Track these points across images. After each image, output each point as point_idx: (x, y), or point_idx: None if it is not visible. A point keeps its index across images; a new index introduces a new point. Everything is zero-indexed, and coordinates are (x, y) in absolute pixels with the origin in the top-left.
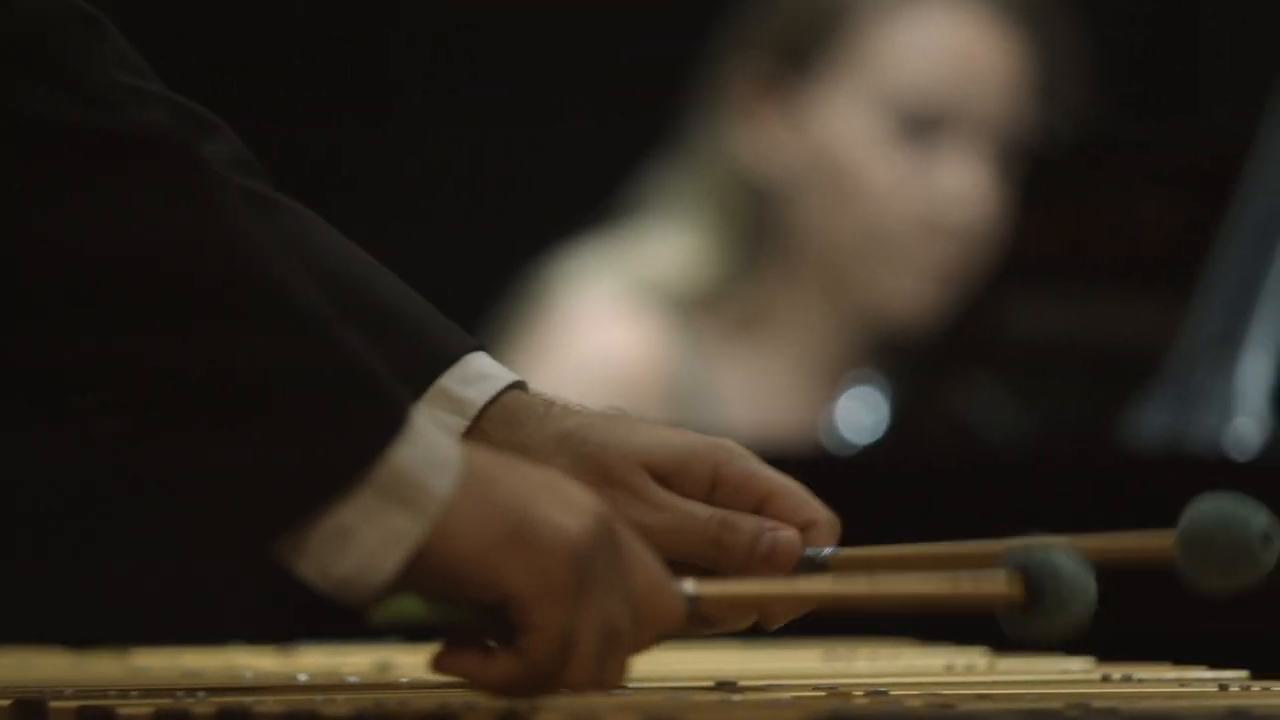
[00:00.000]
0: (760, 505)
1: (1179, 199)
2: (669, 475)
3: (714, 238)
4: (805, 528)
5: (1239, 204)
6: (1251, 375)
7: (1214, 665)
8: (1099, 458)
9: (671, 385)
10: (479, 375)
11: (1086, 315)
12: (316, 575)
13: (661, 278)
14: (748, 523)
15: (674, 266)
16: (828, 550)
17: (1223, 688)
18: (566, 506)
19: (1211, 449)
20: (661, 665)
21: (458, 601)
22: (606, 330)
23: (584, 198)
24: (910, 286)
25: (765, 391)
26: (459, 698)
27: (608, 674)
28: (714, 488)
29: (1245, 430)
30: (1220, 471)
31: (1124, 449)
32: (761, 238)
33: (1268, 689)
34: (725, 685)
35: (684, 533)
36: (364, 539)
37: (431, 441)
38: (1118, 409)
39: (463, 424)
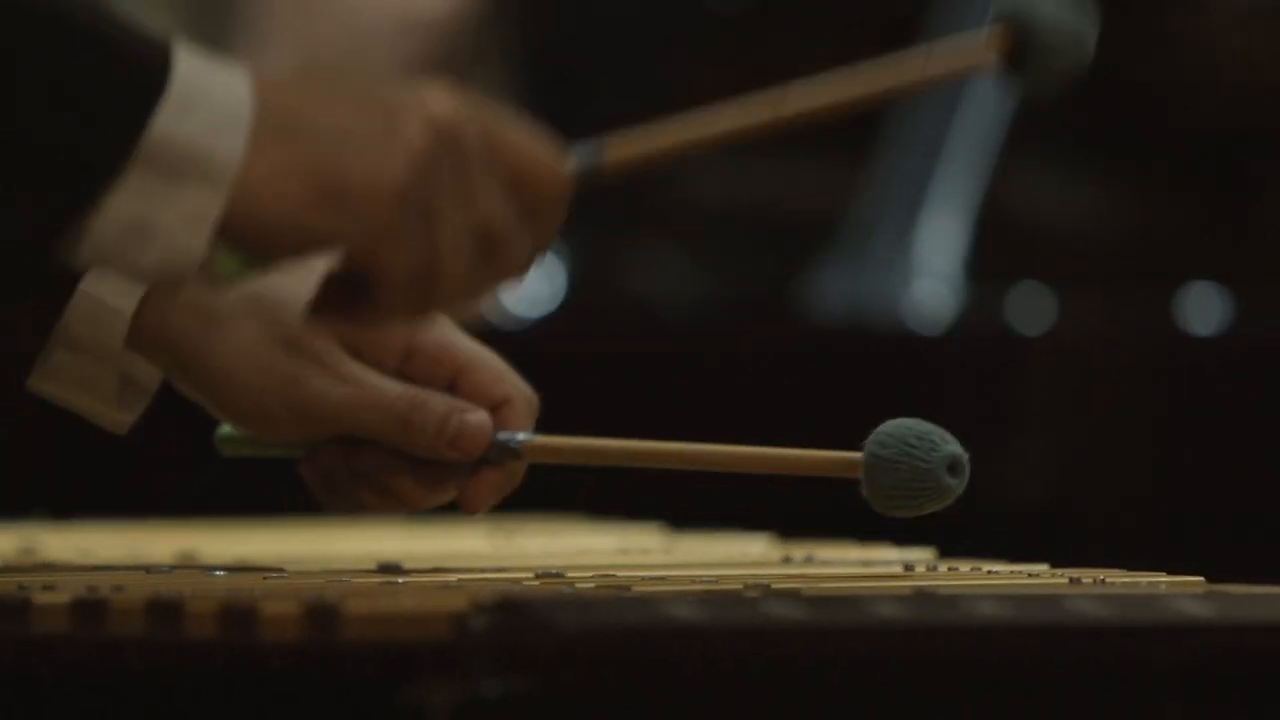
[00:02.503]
0: (455, 378)
1: (856, 52)
2: (361, 342)
3: None
4: (499, 405)
5: None
6: (936, 240)
7: (899, 544)
8: (779, 328)
9: None
10: None
11: (762, 176)
12: (128, 275)
13: None
14: (438, 404)
15: None
16: (522, 436)
17: (908, 568)
18: (381, 140)
19: (890, 318)
20: (321, 545)
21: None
22: None
23: None
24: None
25: None
26: (106, 582)
27: (504, 269)
28: (408, 357)
29: (928, 297)
30: (900, 342)
31: (803, 320)
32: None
33: (954, 569)
34: (389, 567)
35: (371, 409)
36: (163, 227)
37: (209, 99)
38: (796, 275)
39: None
